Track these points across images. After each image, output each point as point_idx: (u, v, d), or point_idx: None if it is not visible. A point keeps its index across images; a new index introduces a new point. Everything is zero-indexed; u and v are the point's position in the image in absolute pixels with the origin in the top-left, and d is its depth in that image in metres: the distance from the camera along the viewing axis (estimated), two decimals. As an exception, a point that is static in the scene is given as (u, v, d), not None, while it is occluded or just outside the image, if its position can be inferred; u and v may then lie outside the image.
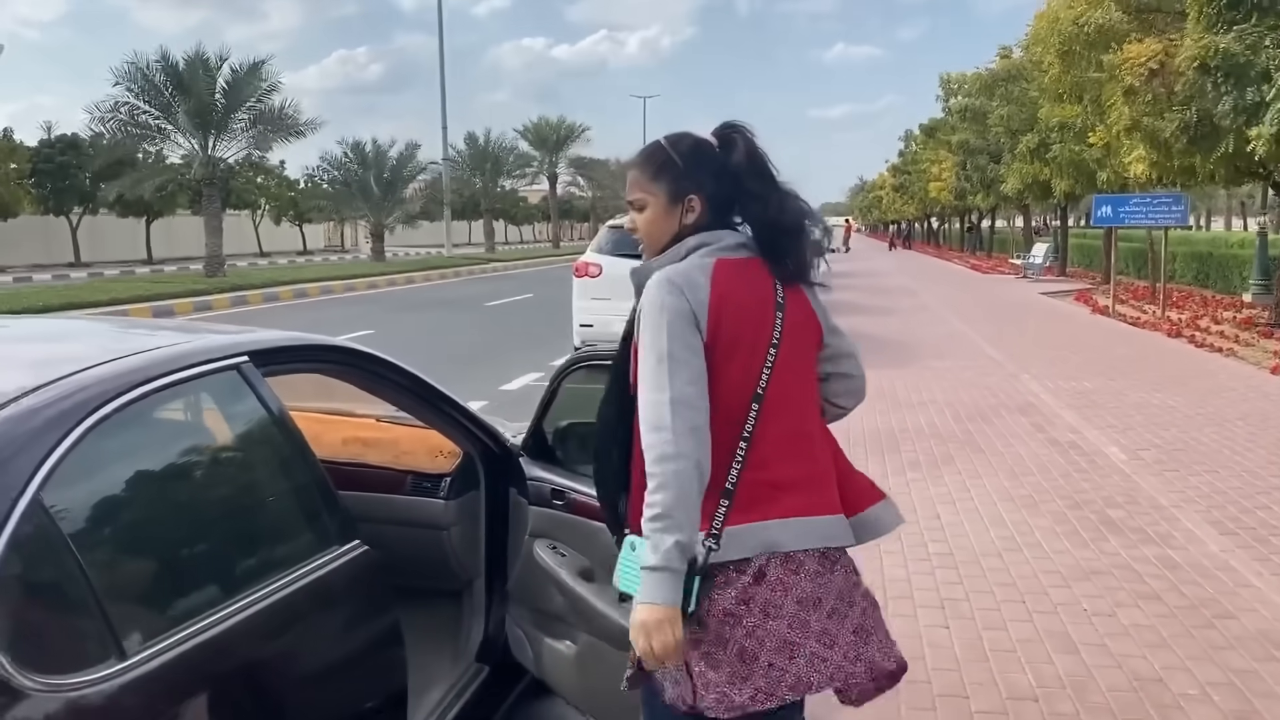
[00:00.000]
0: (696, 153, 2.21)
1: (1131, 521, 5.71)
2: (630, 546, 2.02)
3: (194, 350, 2.19)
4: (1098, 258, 30.00)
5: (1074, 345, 14.08)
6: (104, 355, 2.00)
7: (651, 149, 2.26)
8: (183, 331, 2.49)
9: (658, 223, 2.21)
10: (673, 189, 2.19)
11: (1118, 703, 3.59)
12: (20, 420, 1.69)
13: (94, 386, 1.85)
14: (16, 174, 34.52)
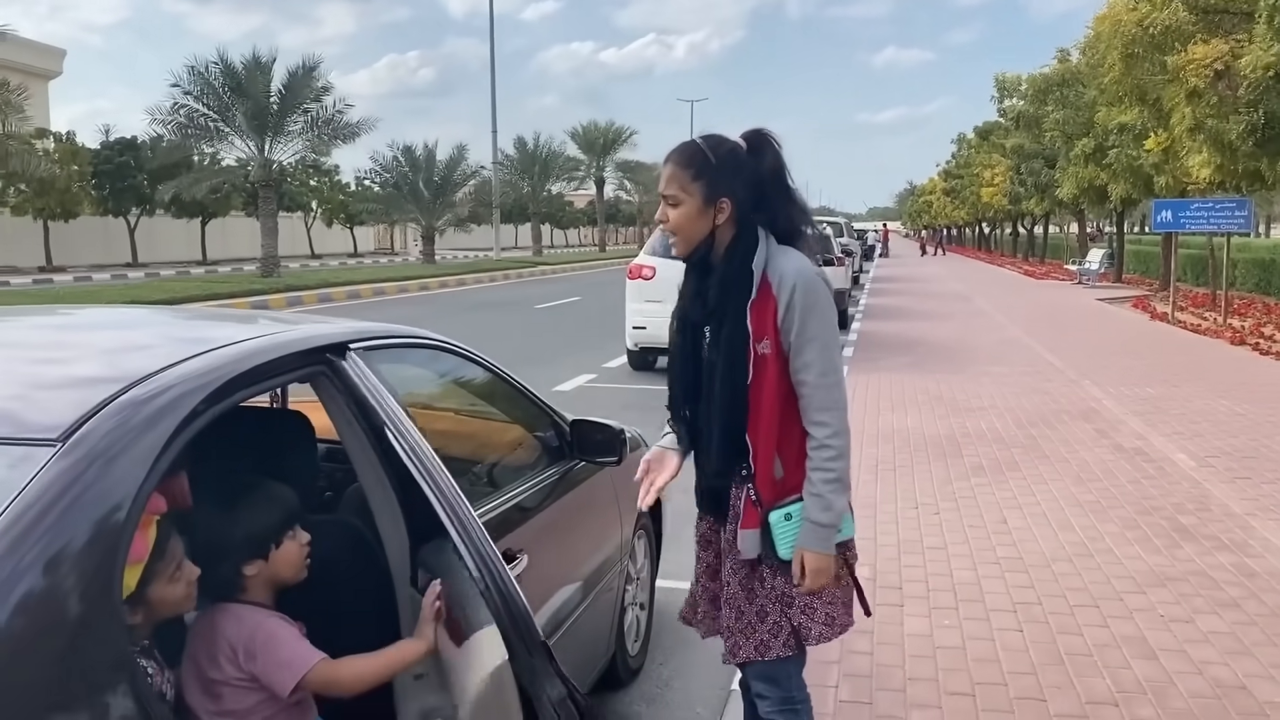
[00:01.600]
0: (732, 159, 2.42)
1: (1204, 529, 5.60)
2: (785, 518, 2.39)
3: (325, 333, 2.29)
4: (1154, 264, 29.48)
5: (1134, 351, 13.84)
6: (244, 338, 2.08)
7: (691, 150, 2.44)
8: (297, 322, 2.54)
9: (692, 221, 2.42)
10: (708, 192, 2.40)
11: (1200, 709, 3.52)
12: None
13: (236, 363, 1.92)
14: (78, 175, 35.24)
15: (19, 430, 1.58)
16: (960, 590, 4.68)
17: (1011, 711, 3.52)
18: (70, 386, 1.77)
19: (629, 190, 70.94)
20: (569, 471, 3.48)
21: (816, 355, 2.38)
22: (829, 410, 2.39)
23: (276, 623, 2.08)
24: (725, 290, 2.42)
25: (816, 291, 2.39)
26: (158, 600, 1.89)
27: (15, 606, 1.37)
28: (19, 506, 1.43)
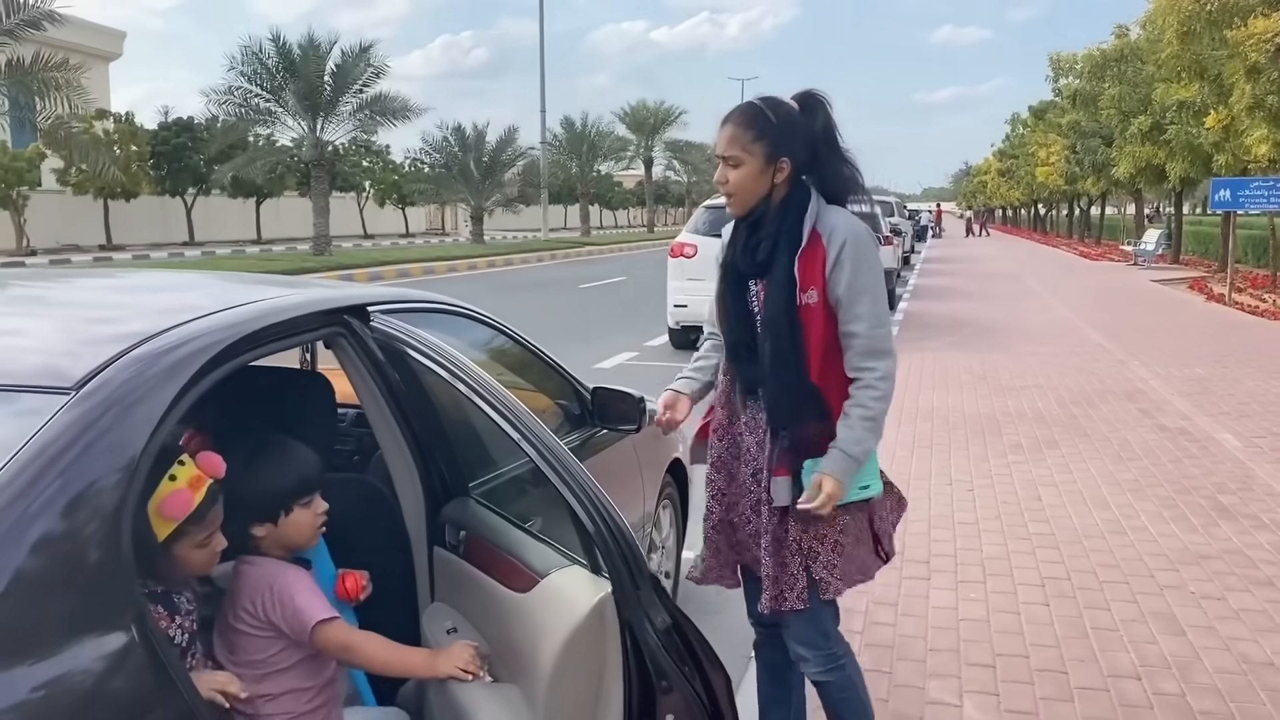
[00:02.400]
0: (790, 120, 2.45)
1: (1245, 508, 5.51)
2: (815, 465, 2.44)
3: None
4: (1214, 245, 28.76)
5: (1186, 332, 13.57)
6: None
7: (752, 111, 2.46)
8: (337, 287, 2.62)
9: (751, 181, 2.46)
10: (769, 152, 2.43)
11: (1225, 684, 3.49)
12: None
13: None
14: (137, 156, 35.89)
15: (36, 379, 1.65)
16: (989, 565, 4.66)
17: (1031, 682, 3.52)
18: (87, 341, 1.84)
19: (678, 170, 70.63)
20: (590, 438, 3.54)
21: (868, 307, 2.43)
22: (881, 358, 2.46)
23: (295, 573, 2.13)
24: (776, 244, 2.46)
25: (866, 245, 2.45)
26: (180, 558, 1.96)
27: (28, 547, 1.44)
28: (31, 451, 1.51)
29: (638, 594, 1.98)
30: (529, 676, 2.07)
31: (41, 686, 1.39)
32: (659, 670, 1.97)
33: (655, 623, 1.98)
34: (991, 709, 3.34)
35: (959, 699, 3.40)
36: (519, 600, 2.13)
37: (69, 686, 1.42)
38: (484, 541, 2.33)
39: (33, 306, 2.30)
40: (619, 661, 2.01)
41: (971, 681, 3.53)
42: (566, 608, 2.03)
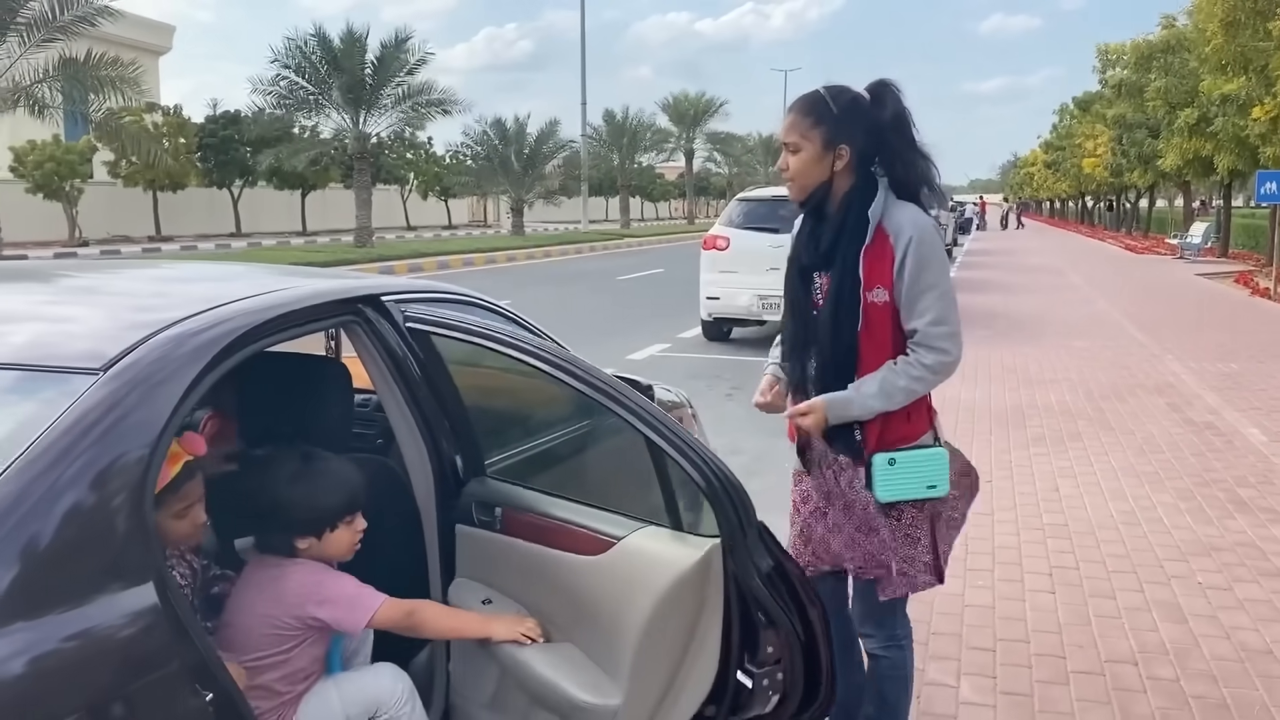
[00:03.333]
0: (853, 107, 2.49)
1: (1263, 501, 5.53)
2: (888, 462, 2.47)
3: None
4: (1265, 239, 28.25)
5: (1225, 327, 13.43)
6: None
7: (813, 98, 2.53)
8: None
9: (811, 166, 2.50)
10: (827, 138, 2.48)
11: (1220, 670, 3.56)
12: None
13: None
14: (185, 148, 36.58)
15: (68, 361, 1.82)
16: (999, 554, 4.74)
17: (1029, 666, 3.61)
18: (122, 326, 2.00)
19: (719, 162, 70.54)
20: (599, 424, 3.67)
21: (933, 302, 2.45)
22: (943, 355, 2.47)
23: (334, 573, 2.28)
24: (838, 235, 2.50)
25: (933, 242, 2.47)
26: (161, 526, 2.09)
27: (60, 513, 1.61)
28: (62, 425, 1.68)
29: (745, 540, 2.09)
30: (608, 630, 2.20)
31: (73, 636, 1.56)
32: (763, 609, 2.10)
33: (760, 566, 2.10)
34: (988, 690, 3.44)
35: (956, 680, 3.50)
36: (592, 563, 2.25)
37: (98, 636, 1.59)
38: (529, 515, 2.44)
39: (78, 295, 2.49)
40: (719, 605, 2.13)
41: (971, 664, 3.63)
42: (659, 562, 2.15)
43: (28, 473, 1.60)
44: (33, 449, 1.63)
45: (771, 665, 2.12)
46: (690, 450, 2.11)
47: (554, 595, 2.31)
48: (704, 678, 2.14)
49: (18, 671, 1.47)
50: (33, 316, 2.18)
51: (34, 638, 1.50)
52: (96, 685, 1.57)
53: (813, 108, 2.51)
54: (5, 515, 1.55)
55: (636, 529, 2.24)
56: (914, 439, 2.54)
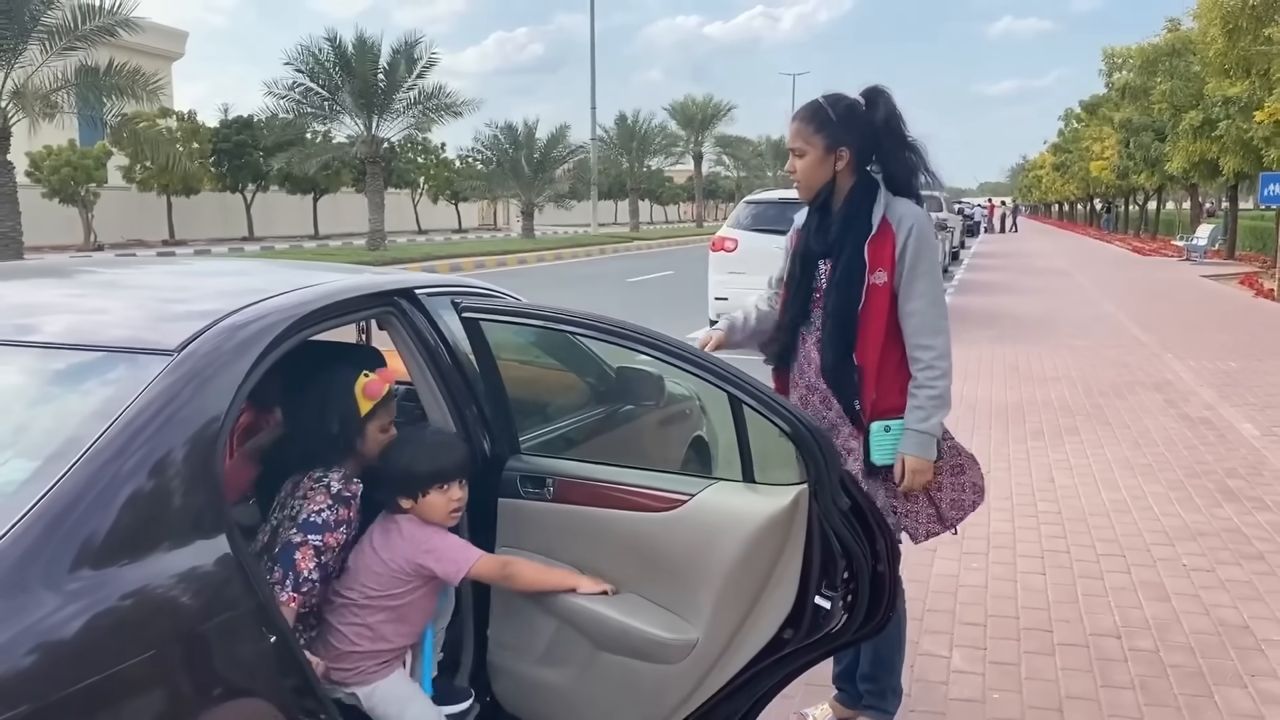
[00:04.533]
0: (850, 113, 2.82)
1: (1250, 491, 5.74)
2: (884, 429, 2.75)
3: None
4: (1271, 240, 28.38)
5: (1226, 327, 13.61)
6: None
7: (813, 107, 2.86)
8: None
9: (814, 169, 2.83)
10: (828, 142, 2.80)
11: (1198, 643, 3.78)
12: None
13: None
14: (199, 153, 36.98)
15: (145, 343, 2.06)
16: (994, 539, 4.96)
17: (1017, 639, 3.84)
18: (185, 315, 2.24)
19: (728, 165, 70.81)
20: (615, 413, 3.91)
21: (926, 287, 2.77)
22: (936, 335, 2.77)
23: (442, 531, 2.50)
24: (846, 226, 2.80)
25: (928, 234, 2.80)
26: (369, 438, 2.50)
27: (146, 472, 1.85)
28: (147, 397, 1.92)
29: (829, 483, 2.30)
30: (684, 578, 2.41)
31: (158, 578, 1.80)
32: (841, 542, 2.33)
33: (840, 505, 2.32)
34: (977, 660, 3.66)
35: (949, 651, 3.73)
36: (664, 519, 2.46)
37: (183, 577, 1.83)
38: (585, 482, 2.65)
39: (134, 289, 2.73)
40: (801, 543, 2.34)
41: (962, 637, 3.85)
42: (742, 511, 2.36)
43: (121, 437, 1.85)
44: (122, 418, 1.88)
45: (844, 588, 2.36)
46: (776, 404, 2.32)
47: (616, 553, 2.52)
48: (782, 605, 2.37)
49: (124, 603, 1.71)
50: (99, 309, 2.41)
51: (135, 576, 1.75)
52: (184, 618, 1.82)
53: (814, 115, 2.82)
54: (103, 474, 1.79)
55: (707, 485, 2.46)
56: (900, 412, 2.80)
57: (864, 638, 2.49)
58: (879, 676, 3.05)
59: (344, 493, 2.43)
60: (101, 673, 1.63)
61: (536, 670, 2.66)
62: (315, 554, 2.35)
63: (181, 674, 1.79)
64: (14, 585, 1.61)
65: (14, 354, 2.09)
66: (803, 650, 2.41)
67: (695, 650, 2.40)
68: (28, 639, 1.57)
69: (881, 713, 3.07)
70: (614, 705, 2.53)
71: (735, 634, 2.40)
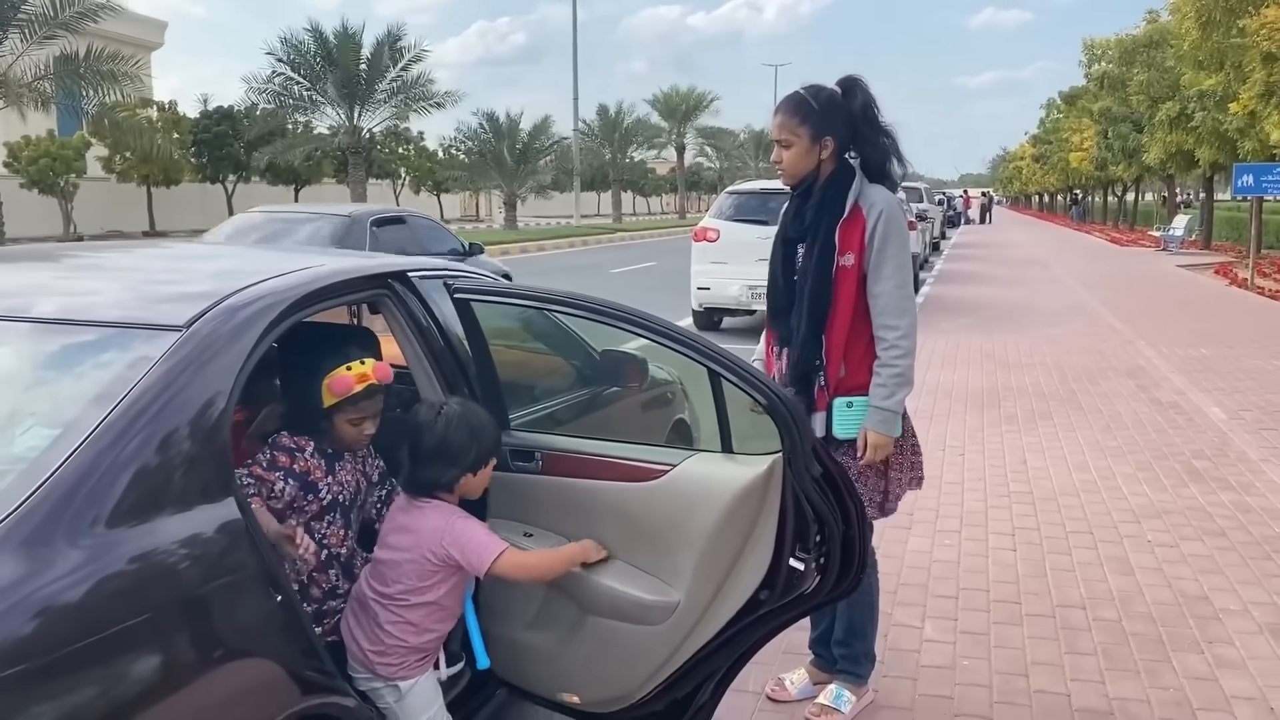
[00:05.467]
0: (831, 102, 2.97)
1: (1215, 472, 5.92)
2: (846, 405, 2.90)
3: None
4: (1246, 230, 28.75)
5: (1200, 315, 13.85)
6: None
7: (796, 99, 3.00)
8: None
9: (800, 158, 2.97)
10: (813, 132, 2.95)
11: (1160, 613, 3.94)
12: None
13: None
14: (179, 144, 36.78)
15: (156, 320, 2.17)
16: (967, 518, 5.12)
17: (987, 610, 3.99)
18: (188, 295, 2.35)
19: (710, 156, 70.91)
20: (599, 394, 4.04)
21: (893, 270, 2.89)
22: (900, 315, 2.89)
23: (466, 517, 2.51)
24: (820, 211, 2.92)
25: (898, 218, 2.92)
26: (337, 426, 2.58)
27: (156, 440, 1.97)
28: (159, 370, 2.03)
29: (802, 452, 2.41)
30: (666, 543, 2.53)
31: (171, 539, 1.91)
32: (814, 507, 2.45)
33: (812, 472, 2.44)
34: (949, 630, 3.81)
35: (921, 622, 3.87)
36: (647, 488, 2.58)
37: (188, 541, 1.94)
38: (571, 455, 2.77)
39: (133, 272, 2.83)
40: (776, 508, 2.46)
41: (934, 609, 4.00)
42: (722, 480, 2.49)
43: (136, 407, 1.96)
44: (137, 389, 1.99)
45: (817, 550, 2.49)
46: (752, 377, 2.44)
47: (602, 522, 2.65)
48: (759, 567, 2.49)
49: (139, 562, 1.82)
50: (105, 289, 2.52)
51: (151, 536, 1.86)
52: (194, 577, 1.93)
53: (798, 107, 2.96)
54: (120, 442, 1.90)
55: (687, 456, 2.59)
56: (866, 390, 2.93)
57: (836, 598, 2.63)
58: (852, 642, 3.19)
59: (286, 444, 2.57)
60: (117, 625, 1.74)
61: (526, 634, 2.79)
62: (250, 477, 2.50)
63: (192, 629, 1.91)
64: (39, 543, 1.73)
65: (28, 330, 2.20)
66: (778, 610, 2.55)
67: (677, 611, 2.54)
68: (52, 593, 1.68)
69: (855, 677, 3.20)
70: (601, 666, 2.67)
71: (715, 596, 2.53)
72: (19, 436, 1.96)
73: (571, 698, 2.77)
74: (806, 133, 2.92)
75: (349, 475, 2.69)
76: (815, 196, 2.96)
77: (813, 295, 2.93)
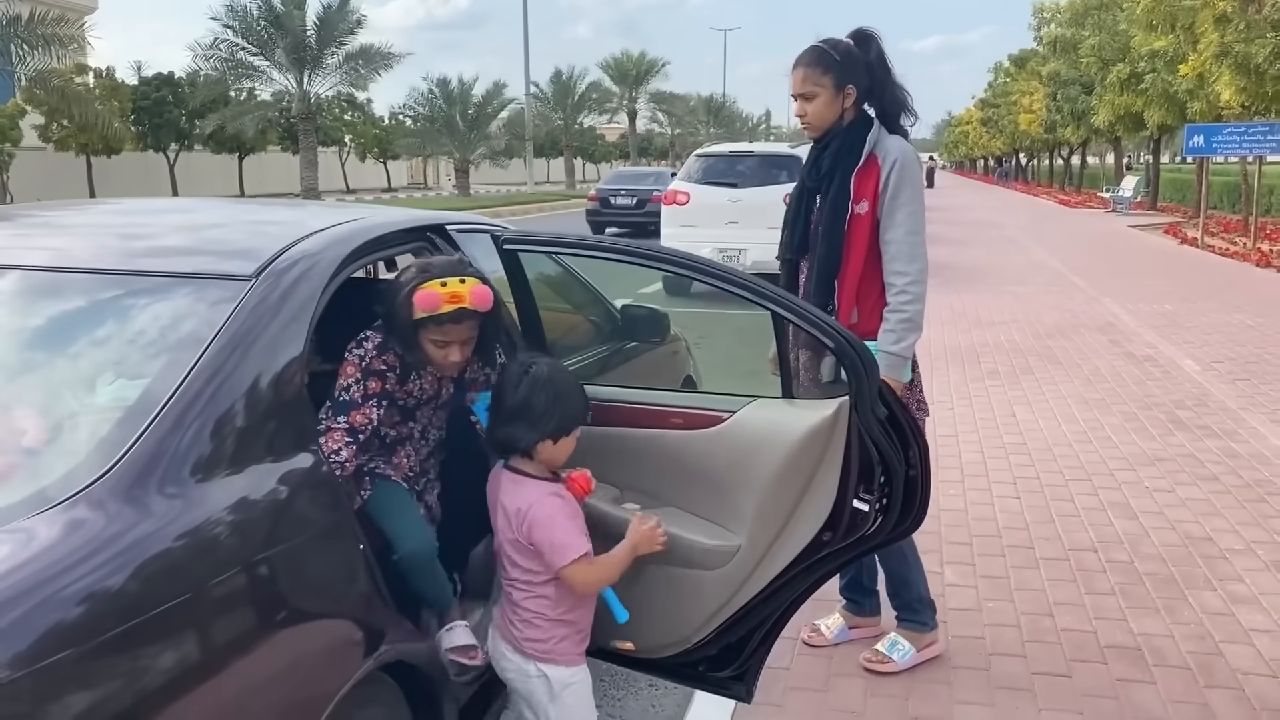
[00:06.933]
0: (850, 52, 2.98)
1: (1199, 420, 6.07)
2: None
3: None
4: (1191, 192, 29.34)
5: (1158, 273, 14.15)
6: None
7: (818, 52, 3.00)
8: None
9: (825, 109, 2.99)
10: (837, 81, 2.97)
11: (1168, 553, 4.05)
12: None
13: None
14: (119, 111, 35.80)
15: (225, 270, 2.14)
16: (966, 468, 5.21)
17: (1003, 555, 4.07)
18: (250, 246, 2.30)
19: (662, 123, 70.59)
20: (619, 349, 4.04)
21: (906, 216, 2.90)
22: (911, 261, 2.90)
23: (556, 502, 2.33)
24: (837, 158, 2.95)
25: (913, 167, 2.93)
26: (422, 345, 2.40)
27: (244, 385, 1.94)
28: (240, 315, 2.00)
29: (869, 395, 2.41)
30: (726, 489, 2.53)
31: (254, 486, 1.88)
32: (879, 449, 2.45)
33: (878, 414, 2.44)
34: (969, 574, 3.89)
35: (940, 567, 3.94)
36: (708, 435, 2.56)
37: (272, 486, 1.92)
38: (623, 405, 2.73)
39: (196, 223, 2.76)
40: (841, 451, 2.46)
41: (951, 555, 4.08)
42: (786, 424, 2.47)
43: (218, 358, 1.92)
44: (217, 340, 1.95)
45: (879, 491, 2.51)
46: (820, 320, 2.42)
47: (657, 469, 2.64)
48: (822, 509, 2.50)
49: (231, 512, 1.80)
50: (168, 238, 2.47)
51: (238, 486, 1.83)
52: (285, 526, 1.92)
53: (820, 58, 2.96)
54: (208, 391, 1.87)
55: (747, 403, 2.59)
56: (875, 336, 2.93)
57: (897, 538, 2.67)
58: (900, 592, 3.24)
59: (375, 365, 2.43)
60: (211, 579, 1.71)
61: None
62: (344, 434, 2.31)
63: (284, 580, 1.89)
64: (140, 494, 1.69)
65: (97, 282, 2.15)
66: (840, 551, 2.58)
67: (738, 555, 2.55)
68: (152, 543, 1.65)
69: (916, 624, 3.24)
70: (661, 611, 2.68)
71: (776, 538, 2.56)
72: (105, 387, 1.92)
73: (626, 644, 2.78)
74: (830, 82, 2.94)
75: (426, 384, 2.59)
76: (834, 145, 2.98)
77: (826, 241, 2.96)
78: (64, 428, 1.88)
